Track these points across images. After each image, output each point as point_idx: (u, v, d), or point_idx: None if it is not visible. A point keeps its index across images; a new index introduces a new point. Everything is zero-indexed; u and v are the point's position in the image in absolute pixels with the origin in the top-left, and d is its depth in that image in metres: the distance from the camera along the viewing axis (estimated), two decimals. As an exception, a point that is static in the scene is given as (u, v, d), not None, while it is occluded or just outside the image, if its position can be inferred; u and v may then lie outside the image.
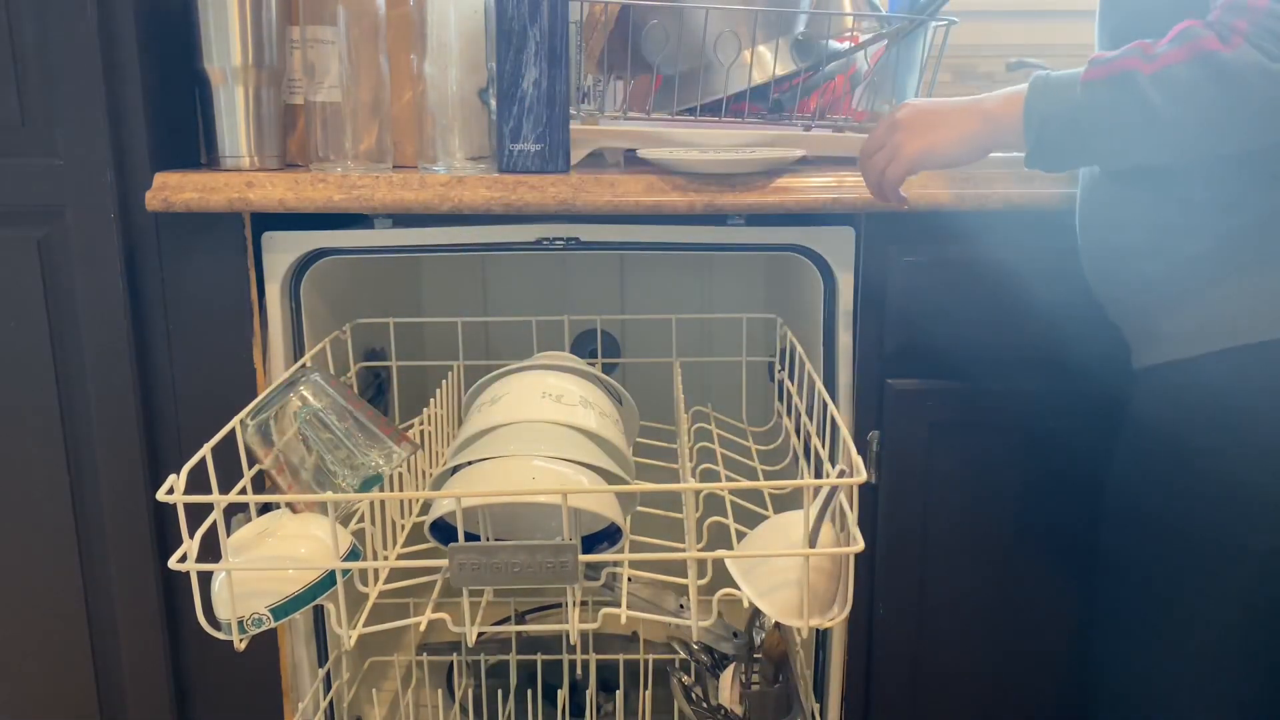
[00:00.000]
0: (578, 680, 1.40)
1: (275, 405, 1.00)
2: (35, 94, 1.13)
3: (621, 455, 1.04)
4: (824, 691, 1.28)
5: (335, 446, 0.98)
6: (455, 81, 1.18)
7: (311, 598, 0.91)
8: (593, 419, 1.04)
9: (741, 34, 1.24)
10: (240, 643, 0.89)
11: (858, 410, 1.20)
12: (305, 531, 0.93)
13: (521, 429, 1.01)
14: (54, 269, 1.17)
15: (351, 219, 1.22)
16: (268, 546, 0.92)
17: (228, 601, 0.89)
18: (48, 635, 1.25)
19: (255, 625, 0.90)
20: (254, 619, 0.90)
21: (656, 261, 1.63)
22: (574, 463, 0.95)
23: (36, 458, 1.20)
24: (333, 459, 0.98)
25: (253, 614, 0.90)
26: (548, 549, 0.85)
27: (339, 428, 0.99)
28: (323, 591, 0.91)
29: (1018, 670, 1.26)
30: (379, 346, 1.39)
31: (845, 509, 0.88)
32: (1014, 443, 1.20)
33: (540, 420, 1.02)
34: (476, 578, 0.86)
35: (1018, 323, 1.16)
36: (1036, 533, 1.21)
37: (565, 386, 1.08)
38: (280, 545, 0.92)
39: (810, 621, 0.87)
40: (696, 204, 1.13)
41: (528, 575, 0.85)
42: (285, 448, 0.98)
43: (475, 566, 0.85)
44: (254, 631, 0.90)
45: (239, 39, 1.17)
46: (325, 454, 0.98)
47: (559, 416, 1.03)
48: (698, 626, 0.92)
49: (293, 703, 1.27)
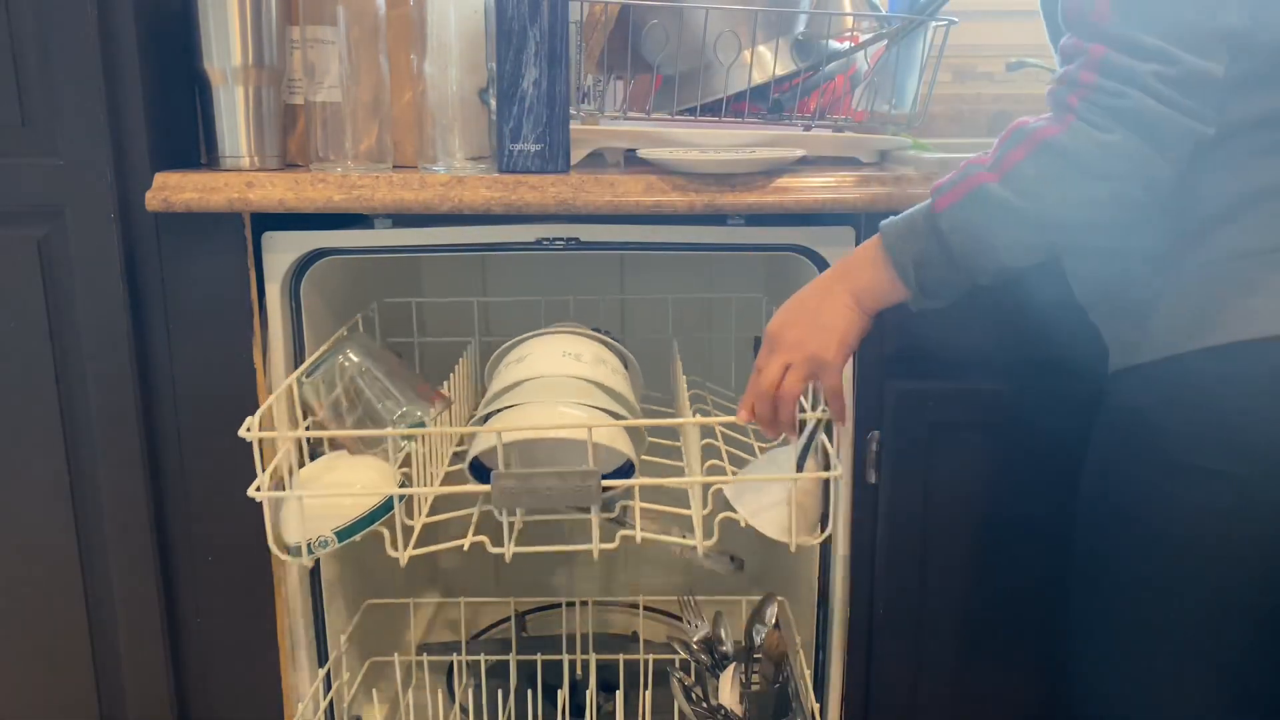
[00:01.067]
0: (578, 680, 1.40)
1: (326, 364, 1.13)
2: (35, 94, 1.13)
3: (631, 405, 1.18)
4: (824, 691, 1.28)
5: (385, 396, 1.12)
6: (455, 81, 1.18)
7: (370, 522, 1.04)
8: (606, 374, 1.18)
9: (741, 34, 1.24)
10: (309, 562, 1.04)
11: (858, 410, 1.20)
12: (361, 468, 1.08)
13: (546, 382, 1.15)
14: (54, 269, 1.17)
15: (351, 219, 1.22)
16: (330, 480, 1.06)
17: (298, 526, 1.01)
18: (48, 636, 1.25)
19: (321, 547, 1.02)
20: (320, 541, 1.02)
21: (656, 261, 1.63)
22: (592, 408, 1.10)
23: (36, 458, 1.20)
24: (382, 408, 1.12)
25: (319, 537, 1.02)
26: (575, 474, 1.00)
27: (385, 381, 1.13)
28: (380, 516, 1.04)
29: (1018, 670, 1.26)
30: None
31: (825, 443, 1.06)
32: (1014, 443, 1.20)
33: (562, 374, 1.16)
34: (515, 500, 1.00)
35: (1017, 323, 1.16)
36: (1036, 533, 1.21)
37: (582, 347, 1.22)
38: (340, 478, 1.06)
39: (797, 539, 1.03)
40: (696, 204, 1.13)
41: (557, 497, 1.00)
42: (337, 399, 1.12)
43: (514, 490, 1.00)
44: (320, 553, 1.02)
45: (239, 39, 1.17)
46: (376, 403, 1.12)
47: (578, 371, 1.17)
48: (701, 545, 1.06)
49: (292, 703, 1.27)
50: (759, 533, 1.06)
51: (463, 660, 1.44)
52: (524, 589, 1.60)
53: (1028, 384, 1.18)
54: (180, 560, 1.24)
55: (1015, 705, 1.27)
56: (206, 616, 1.25)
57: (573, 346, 1.22)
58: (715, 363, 1.59)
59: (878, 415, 1.20)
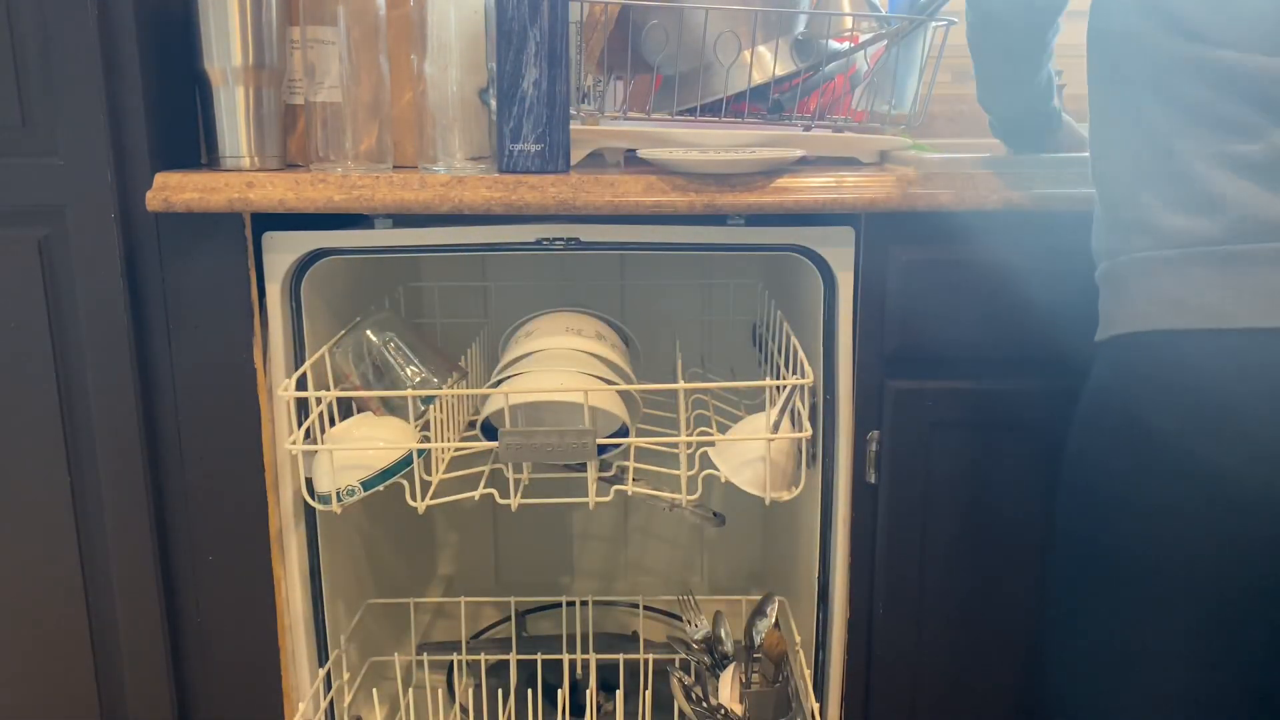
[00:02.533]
0: (578, 680, 1.41)
1: (354, 335, 1.26)
2: (35, 94, 1.13)
3: (628, 375, 1.28)
4: (824, 691, 1.28)
5: (408, 364, 1.25)
6: (455, 81, 1.18)
7: (392, 474, 1.15)
8: (605, 349, 1.28)
9: (741, 34, 1.24)
10: (338, 509, 1.14)
11: (858, 410, 1.20)
12: (385, 426, 1.19)
13: (551, 353, 1.26)
14: (54, 269, 1.17)
15: (352, 219, 1.22)
16: (357, 435, 1.18)
17: (327, 475, 1.14)
18: (48, 635, 1.25)
19: (349, 495, 1.14)
20: (348, 489, 1.14)
21: (657, 261, 1.63)
22: (591, 376, 1.20)
23: (36, 458, 1.21)
24: (404, 375, 1.24)
25: (347, 485, 1.14)
26: (573, 433, 1.12)
27: (409, 351, 1.26)
28: (401, 469, 1.15)
29: (1018, 670, 1.26)
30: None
31: (799, 407, 1.16)
32: (1014, 442, 1.20)
33: (565, 348, 1.26)
34: (520, 454, 1.13)
35: (1017, 322, 1.16)
36: (1037, 533, 1.21)
37: (584, 324, 1.33)
38: (366, 434, 1.18)
39: (771, 493, 1.14)
40: (696, 204, 1.13)
41: (557, 453, 1.12)
42: (365, 368, 1.25)
43: (519, 446, 1.12)
44: (348, 500, 1.14)
45: (239, 39, 1.17)
46: (401, 370, 1.24)
47: (580, 345, 1.27)
48: (686, 499, 1.16)
49: (293, 703, 1.27)
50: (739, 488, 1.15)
51: (463, 660, 1.44)
52: (524, 589, 1.60)
53: (1027, 384, 1.18)
54: (180, 559, 1.24)
55: (1015, 705, 1.27)
56: (206, 616, 1.25)
57: (575, 323, 1.33)
58: (714, 349, 1.66)
59: (878, 415, 1.20)
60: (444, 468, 1.20)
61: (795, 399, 1.15)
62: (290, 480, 1.22)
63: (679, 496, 1.16)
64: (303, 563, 1.26)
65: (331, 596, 1.30)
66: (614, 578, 1.78)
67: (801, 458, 1.19)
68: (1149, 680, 0.93)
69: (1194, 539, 0.89)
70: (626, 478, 1.21)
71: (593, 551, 1.77)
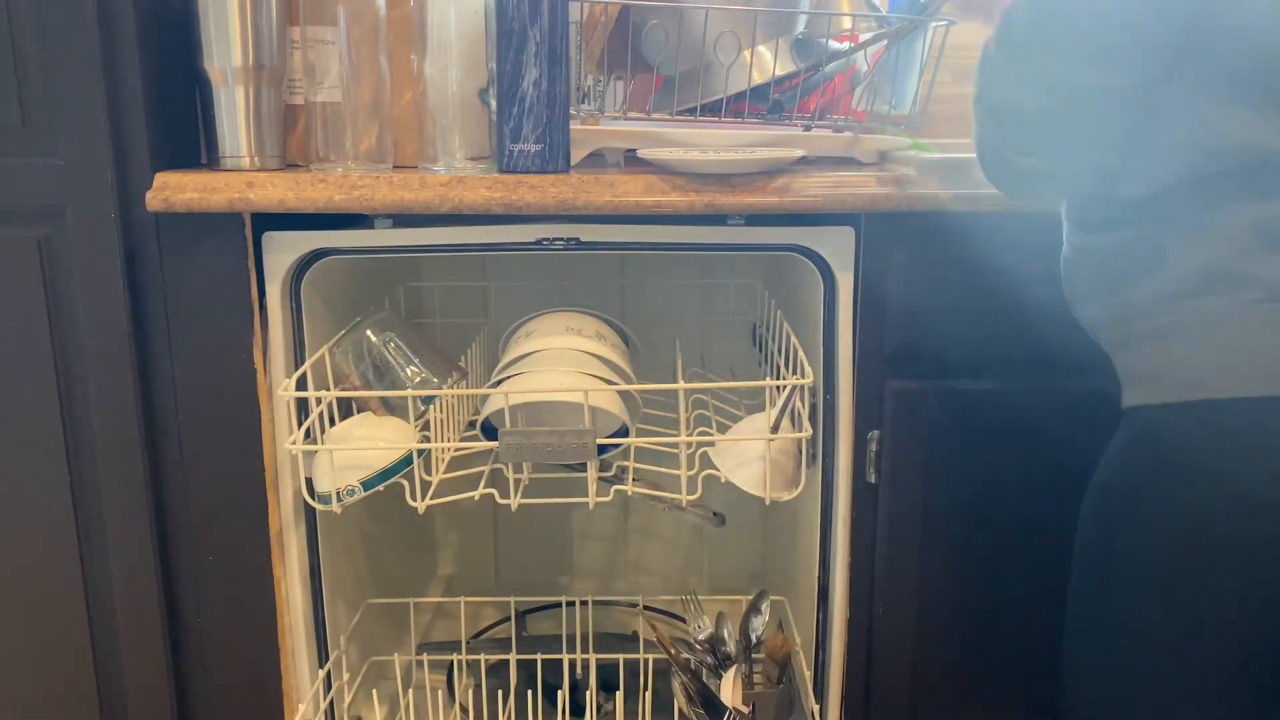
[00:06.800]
0: (578, 680, 1.41)
1: (354, 335, 1.25)
2: (35, 94, 1.13)
3: (627, 375, 1.28)
4: (824, 691, 1.28)
5: (408, 364, 1.25)
6: (455, 81, 1.18)
7: (393, 474, 1.15)
8: (605, 348, 1.29)
9: (741, 34, 1.24)
10: (338, 508, 1.14)
11: (858, 410, 1.20)
12: (385, 426, 1.20)
13: (551, 353, 1.26)
14: (54, 269, 1.17)
15: (352, 219, 1.22)
16: (357, 435, 1.18)
17: (327, 475, 1.14)
18: (48, 635, 1.25)
19: (349, 494, 1.14)
20: (348, 489, 1.13)
21: (657, 261, 1.63)
22: (591, 376, 1.20)
23: (36, 457, 1.20)
24: (404, 375, 1.24)
25: (347, 485, 1.13)
26: (573, 433, 1.12)
27: (409, 351, 1.25)
28: (401, 469, 1.15)
29: (1018, 670, 1.26)
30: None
31: (799, 407, 1.15)
32: (1014, 443, 1.20)
33: (565, 348, 1.26)
34: (520, 454, 1.12)
35: (1017, 323, 1.16)
36: (1037, 533, 1.21)
37: (584, 324, 1.33)
38: (366, 434, 1.18)
39: (771, 493, 1.13)
40: (696, 204, 1.13)
41: (556, 453, 1.12)
42: (365, 367, 1.25)
43: (519, 446, 1.12)
44: (348, 500, 1.14)
45: (239, 39, 1.17)
46: (401, 370, 1.24)
47: (579, 345, 1.27)
48: (686, 499, 1.15)
49: (293, 703, 1.27)
50: (739, 488, 1.15)
51: (463, 660, 1.44)
52: (524, 589, 1.60)
53: (1027, 384, 1.18)
54: (180, 560, 1.24)
55: (1016, 706, 1.27)
56: (206, 616, 1.25)
57: (575, 323, 1.33)
58: (714, 349, 1.66)
59: (878, 415, 1.20)
60: (444, 468, 1.20)
61: (795, 399, 1.15)
62: (290, 480, 1.22)
63: (679, 496, 1.16)
64: (303, 563, 1.26)
65: (331, 596, 1.30)
66: (614, 578, 1.78)
67: (802, 458, 1.19)
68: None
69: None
70: (626, 478, 1.21)
71: (593, 551, 1.77)
